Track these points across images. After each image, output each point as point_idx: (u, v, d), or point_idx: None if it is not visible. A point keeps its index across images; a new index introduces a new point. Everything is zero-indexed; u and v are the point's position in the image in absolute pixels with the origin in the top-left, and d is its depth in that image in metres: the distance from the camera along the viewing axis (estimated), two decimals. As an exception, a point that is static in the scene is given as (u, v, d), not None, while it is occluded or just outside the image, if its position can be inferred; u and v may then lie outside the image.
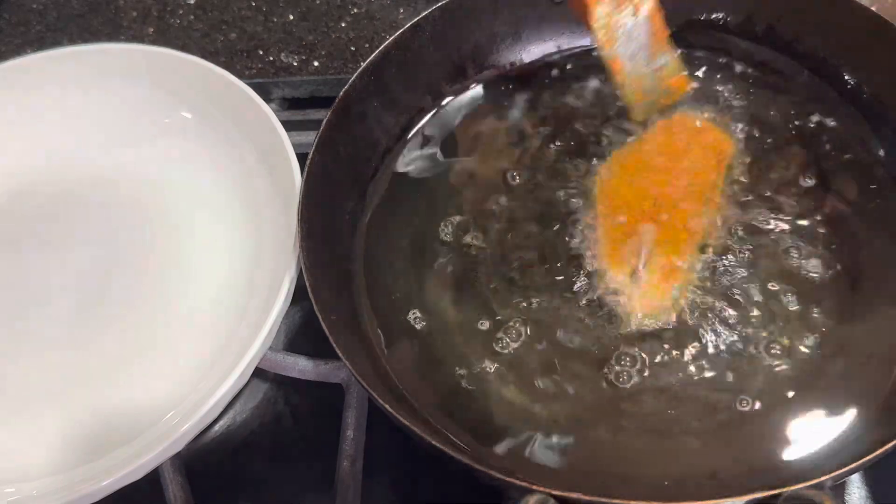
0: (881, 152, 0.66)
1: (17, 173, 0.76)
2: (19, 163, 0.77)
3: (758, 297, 0.60)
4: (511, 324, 0.61)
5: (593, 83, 0.73)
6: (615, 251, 0.63)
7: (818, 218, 0.63)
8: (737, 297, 0.60)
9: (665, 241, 0.63)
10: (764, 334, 0.58)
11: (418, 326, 0.62)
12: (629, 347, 0.58)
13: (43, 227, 0.74)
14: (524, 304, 0.62)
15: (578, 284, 0.62)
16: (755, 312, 0.59)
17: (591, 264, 0.63)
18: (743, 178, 0.66)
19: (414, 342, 0.62)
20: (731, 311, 0.59)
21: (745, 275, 0.61)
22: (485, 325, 0.61)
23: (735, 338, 0.58)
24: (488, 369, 0.59)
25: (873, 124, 0.66)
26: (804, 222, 0.63)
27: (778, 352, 0.57)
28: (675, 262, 0.62)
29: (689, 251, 0.62)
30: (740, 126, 0.69)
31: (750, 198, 0.65)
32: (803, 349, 0.57)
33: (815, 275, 0.60)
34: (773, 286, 0.60)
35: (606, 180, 0.67)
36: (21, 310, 0.69)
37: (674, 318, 0.59)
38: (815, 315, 0.59)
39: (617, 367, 0.58)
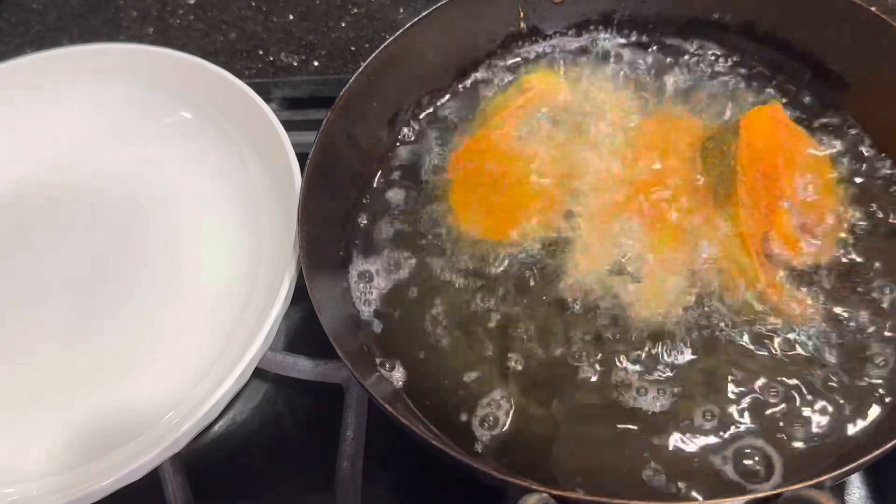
0: (881, 152, 0.66)
1: (17, 173, 0.76)
2: (19, 163, 0.77)
3: (758, 295, 0.60)
4: (518, 325, 0.61)
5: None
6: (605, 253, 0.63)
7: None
8: (736, 293, 0.60)
9: (665, 239, 0.63)
10: (764, 334, 0.58)
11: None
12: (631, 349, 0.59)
13: (43, 226, 0.74)
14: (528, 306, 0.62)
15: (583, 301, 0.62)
16: (760, 309, 0.59)
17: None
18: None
19: (415, 342, 0.62)
20: (731, 312, 0.59)
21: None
22: (489, 327, 0.61)
23: (737, 337, 0.58)
24: (489, 370, 0.59)
25: (874, 125, 0.66)
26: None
27: (780, 352, 0.57)
28: (676, 257, 0.62)
29: (689, 247, 0.62)
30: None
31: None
32: (805, 349, 0.57)
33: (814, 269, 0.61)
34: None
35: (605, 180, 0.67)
36: (21, 310, 0.69)
37: (676, 314, 0.60)
38: (815, 317, 0.59)
39: (617, 368, 0.58)
